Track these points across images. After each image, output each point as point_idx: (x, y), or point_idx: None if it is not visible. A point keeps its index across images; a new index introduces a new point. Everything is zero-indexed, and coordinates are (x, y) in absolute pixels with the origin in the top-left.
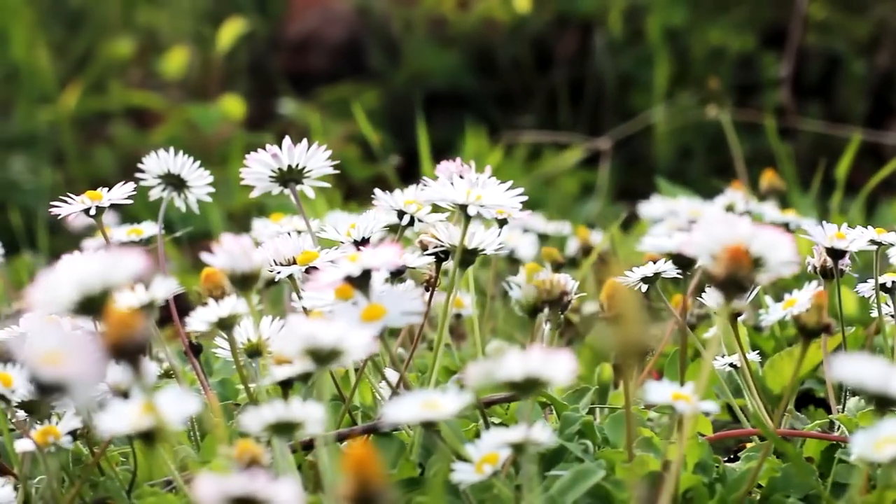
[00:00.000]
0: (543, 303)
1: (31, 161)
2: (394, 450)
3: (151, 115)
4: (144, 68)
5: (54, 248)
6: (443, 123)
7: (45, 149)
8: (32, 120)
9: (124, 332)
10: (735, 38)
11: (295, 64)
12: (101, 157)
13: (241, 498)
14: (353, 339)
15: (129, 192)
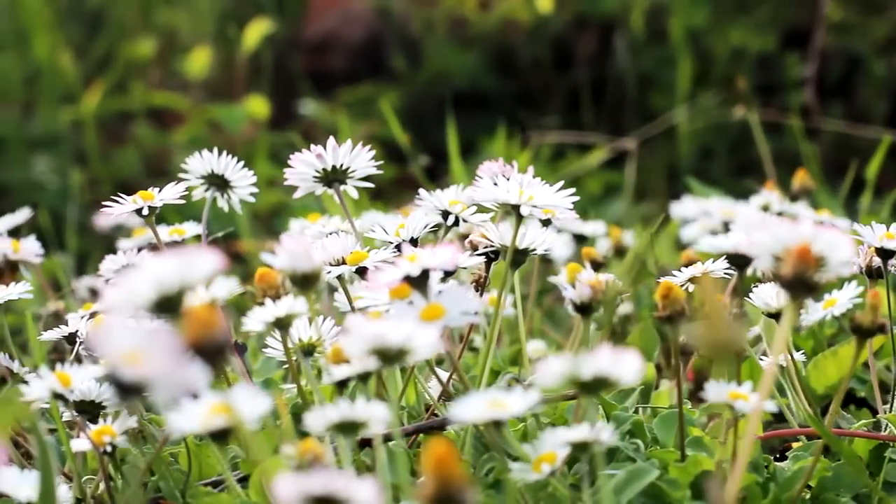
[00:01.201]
0: (598, 302)
1: (53, 161)
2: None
3: (171, 115)
4: (163, 69)
5: (81, 248)
6: (463, 124)
7: (67, 149)
8: (54, 120)
9: (205, 332)
10: (755, 38)
11: (314, 64)
12: (124, 158)
13: (322, 497)
14: (420, 339)
15: (180, 192)
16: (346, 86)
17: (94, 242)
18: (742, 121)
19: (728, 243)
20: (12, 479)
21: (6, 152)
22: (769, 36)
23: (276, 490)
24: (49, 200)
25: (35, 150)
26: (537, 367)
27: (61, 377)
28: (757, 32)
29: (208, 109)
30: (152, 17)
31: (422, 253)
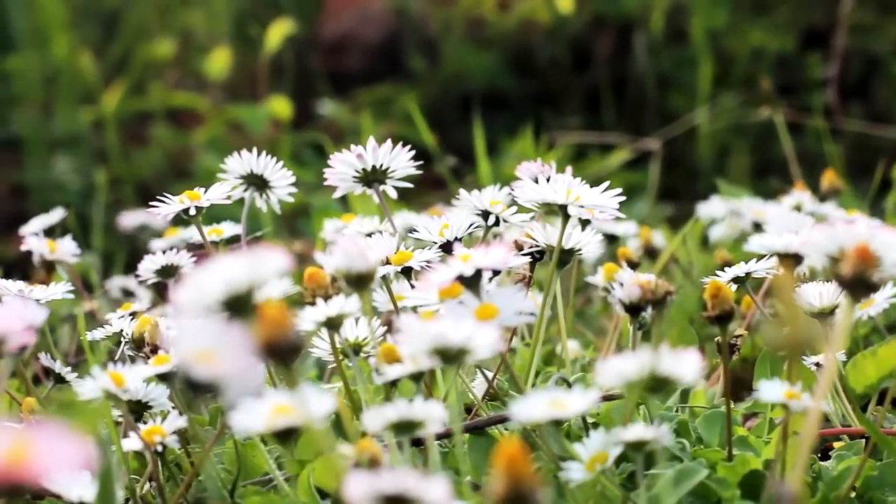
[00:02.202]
0: (647, 302)
1: (74, 162)
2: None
3: (188, 115)
4: (180, 69)
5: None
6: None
7: (87, 149)
8: (74, 121)
9: (278, 331)
10: (774, 38)
11: (330, 64)
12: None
13: (393, 496)
14: (480, 338)
15: (226, 192)
16: (363, 86)
17: (118, 242)
18: (761, 121)
19: (780, 243)
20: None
21: (27, 152)
22: (787, 36)
23: (346, 489)
24: (70, 200)
25: (55, 151)
26: (598, 366)
27: (115, 377)
28: (775, 33)
29: (229, 110)
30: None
31: (474, 252)
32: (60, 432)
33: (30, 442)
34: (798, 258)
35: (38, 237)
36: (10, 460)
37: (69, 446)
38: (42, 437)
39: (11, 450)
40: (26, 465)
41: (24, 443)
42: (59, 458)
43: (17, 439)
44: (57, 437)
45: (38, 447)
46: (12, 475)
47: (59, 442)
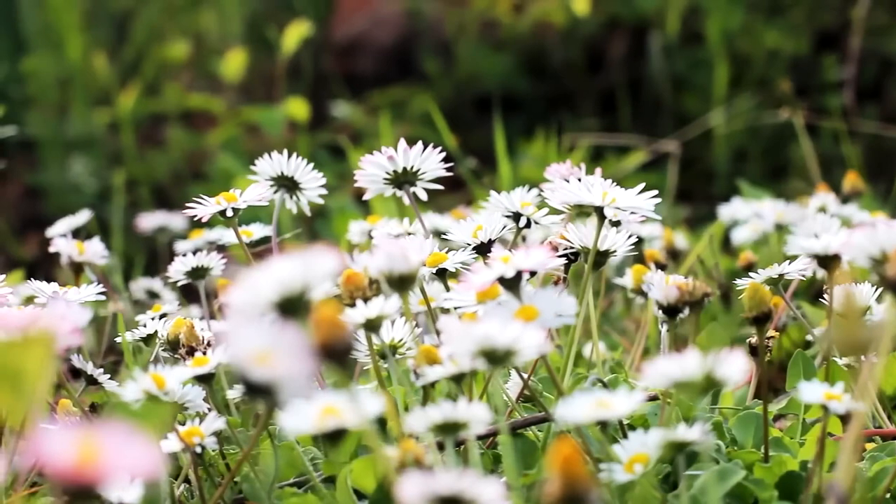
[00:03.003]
0: (685, 303)
1: (89, 164)
2: (524, 450)
3: (202, 117)
4: (193, 71)
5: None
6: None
7: (102, 151)
8: (89, 122)
9: (334, 332)
10: (789, 40)
11: (343, 66)
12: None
13: (449, 497)
14: (527, 340)
15: (263, 192)
16: (376, 88)
17: (136, 244)
18: (775, 123)
19: (819, 245)
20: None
21: (43, 154)
22: (801, 39)
23: (400, 490)
24: (86, 202)
25: (71, 152)
26: (644, 367)
27: (156, 379)
28: (789, 35)
29: (245, 111)
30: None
31: (516, 254)
32: (127, 434)
33: (98, 444)
34: (838, 259)
35: (66, 239)
36: (80, 462)
37: (137, 449)
38: (109, 439)
39: (80, 451)
40: (95, 467)
41: (92, 445)
42: (128, 461)
43: (84, 441)
44: (124, 439)
45: (106, 449)
46: (82, 477)
47: (127, 444)
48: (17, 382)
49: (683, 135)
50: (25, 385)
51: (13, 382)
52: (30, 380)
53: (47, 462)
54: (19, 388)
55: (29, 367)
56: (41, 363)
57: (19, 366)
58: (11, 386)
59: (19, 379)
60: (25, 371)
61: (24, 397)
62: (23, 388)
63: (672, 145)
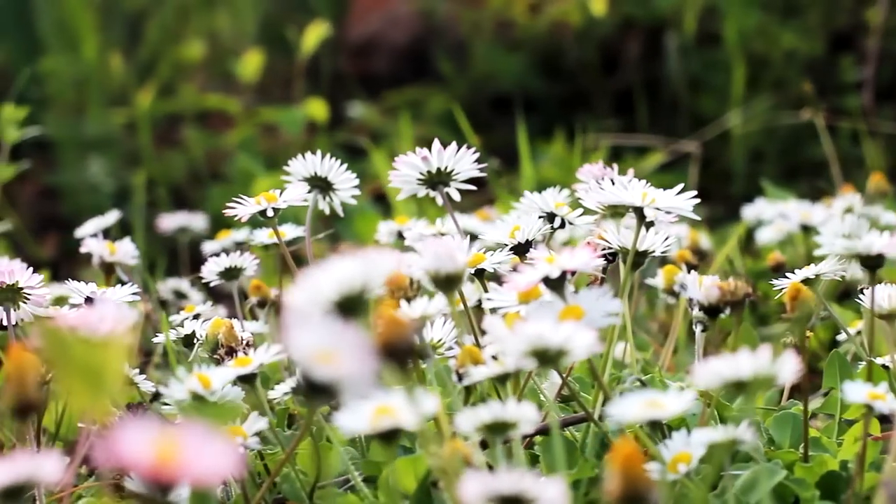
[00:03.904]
0: (726, 303)
1: (107, 164)
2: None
3: (217, 118)
4: (207, 71)
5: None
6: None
7: (118, 151)
8: (106, 123)
9: (397, 332)
10: (805, 42)
11: (357, 67)
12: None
13: (509, 497)
14: (579, 340)
15: (303, 193)
16: (390, 88)
17: (156, 244)
18: (791, 124)
19: (862, 245)
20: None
21: (60, 155)
22: (816, 40)
23: (461, 490)
24: (103, 203)
25: (88, 153)
26: (694, 367)
27: (202, 379)
28: (805, 36)
29: (263, 112)
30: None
31: (561, 254)
32: (204, 433)
33: (176, 443)
34: (881, 259)
35: (98, 239)
36: (159, 460)
37: (214, 448)
38: (188, 438)
39: (160, 450)
40: (175, 466)
41: (171, 443)
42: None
43: (163, 440)
44: (202, 438)
45: (184, 448)
46: (162, 475)
47: (205, 443)
48: (96, 381)
49: (701, 135)
50: (103, 384)
51: (92, 381)
52: (107, 379)
53: (127, 460)
54: (98, 387)
55: (107, 366)
56: (118, 362)
57: (98, 365)
58: (90, 385)
59: (98, 378)
60: (103, 370)
61: (102, 396)
62: (101, 387)
63: (692, 146)
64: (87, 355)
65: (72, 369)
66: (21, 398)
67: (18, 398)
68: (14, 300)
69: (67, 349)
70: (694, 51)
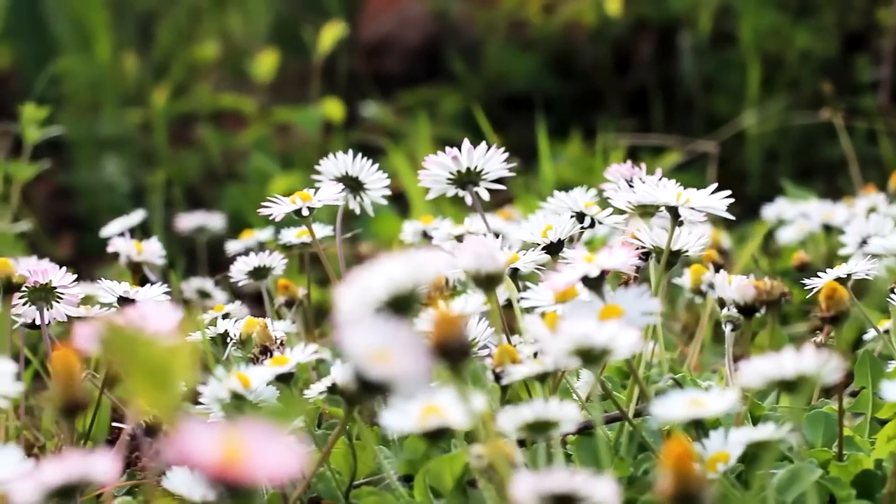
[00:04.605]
0: (762, 303)
1: (122, 163)
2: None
3: (231, 117)
4: (219, 71)
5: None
6: (523, 126)
7: (133, 151)
8: (121, 123)
9: (451, 332)
10: (819, 42)
11: (370, 67)
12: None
13: (561, 495)
14: (623, 339)
15: (337, 193)
16: (403, 88)
17: (174, 244)
18: (805, 124)
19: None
20: (184, 480)
21: (75, 154)
22: (830, 40)
23: (512, 489)
24: (119, 202)
25: (103, 152)
26: (740, 366)
27: (242, 378)
28: (818, 36)
29: (278, 112)
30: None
31: (600, 254)
32: (268, 433)
33: (242, 442)
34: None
35: (125, 239)
36: (226, 459)
37: (279, 447)
38: (254, 436)
39: (226, 449)
40: (242, 465)
41: (237, 443)
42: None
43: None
44: (266, 437)
45: (250, 448)
46: (228, 474)
47: (269, 443)
48: (164, 381)
49: (716, 135)
50: (171, 384)
51: (160, 381)
52: (175, 379)
53: (194, 460)
54: (166, 387)
55: (174, 366)
56: (186, 362)
57: (166, 365)
58: (159, 385)
59: (166, 378)
60: (171, 370)
61: (170, 396)
62: (169, 387)
63: (709, 145)
64: (153, 356)
65: (139, 370)
66: (68, 398)
67: (65, 398)
68: (47, 299)
69: (134, 349)
70: (707, 51)
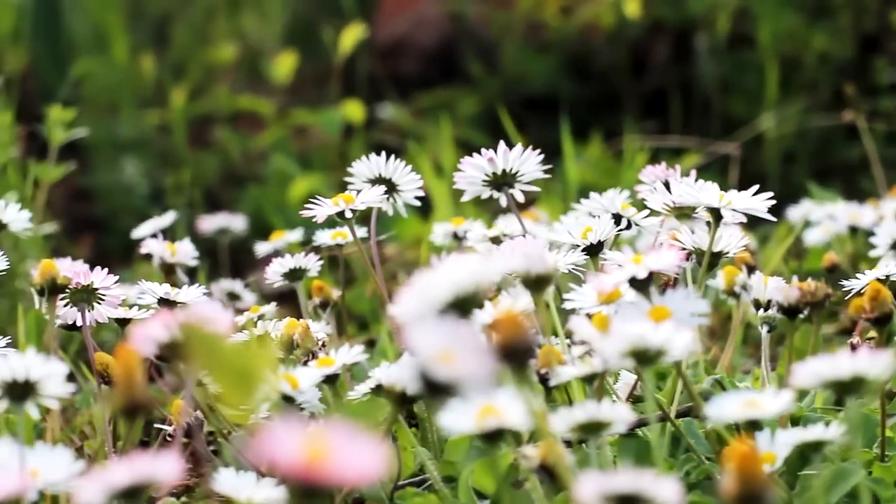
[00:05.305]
0: (806, 304)
1: (140, 165)
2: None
3: (247, 119)
4: (234, 73)
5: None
6: (540, 127)
7: (152, 153)
8: (139, 124)
9: (516, 333)
10: (835, 44)
11: (385, 68)
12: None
13: (626, 495)
14: (678, 340)
15: (380, 195)
16: (418, 90)
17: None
18: (822, 126)
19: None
20: (231, 481)
21: (93, 156)
22: (846, 42)
23: (577, 488)
24: (139, 204)
25: (121, 154)
26: (794, 367)
27: (290, 379)
28: (834, 38)
29: (298, 113)
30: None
31: (648, 255)
32: (352, 433)
33: (326, 443)
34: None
35: (158, 240)
36: (310, 460)
37: (362, 448)
38: (336, 437)
39: (310, 450)
40: (325, 466)
41: (321, 444)
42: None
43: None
44: (350, 438)
45: (334, 449)
46: (312, 475)
47: (353, 443)
48: (248, 383)
49: (734, 137)
50: (254, 385)
51: (244, 383)
52: (259, 381)
53: (278, 461)
54: (250, 389)
55: (257, 368)
56: (268, 364)
57: (249, 367)
58: (242, 386)
59: (249, 379)
60: (256, 372)
61: (253, 398)
62: (252, 389)
63: (730, 147)
64: (237, 357)
65: (223, 372)
66: (130, 399)
67: (127, 399)
68: (89, 300)
69: (217, 351)
70: (724, 52)
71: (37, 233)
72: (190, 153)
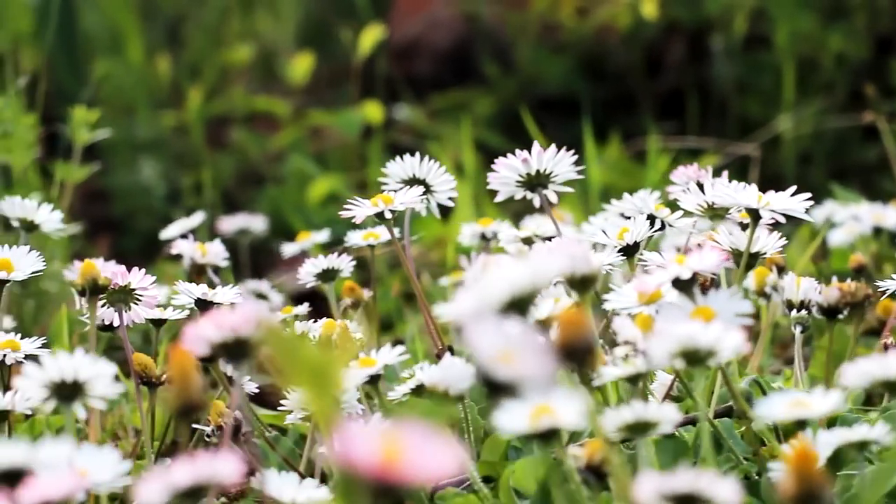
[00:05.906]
0: (846, 304)
1: (157, 166)
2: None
3: (263, 120)
4: (248, 73)
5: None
6: (555, 128)
7: (168, 153)
8: (155, 125)
9: (577, 333)
10: (852, 45)
11: (399, 69)
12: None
13: (685, 495)
14: (728, 341)
15: (419, 195)
16: (433, 91)
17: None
18: (838, 127)
19: None
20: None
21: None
22: (862, 43)
23: (636, 489)
24: (156, 204)
25: (139, 155)
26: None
27: None
28: (850, 39)
29: (315, 114)
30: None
31: (690, 255)
32: (426, 434)
33: (401, 443)
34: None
35: (189, 241)
36: (386, 461)
37: (437, 448)
38: (411, 437)
39: (386, 450)
40: (401, 467)
41: (396, 444)
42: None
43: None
44: (424, 438)
45: (409, 448)
46: (388, 476)
47: (427, 443)
48: (327, 384)
49: (751, 138)
50: (331, 387)
51: (320, 384)
52: (337, 382)
53: (355, 461)
54: (328, 391)
55: (333, 370)
56: (343, 365)
57: (328, 368)
58: (319, 387)
59: (328, 381)
60: (333, 374)
61: (330, 399)
62: (329, 390)
63: (748, 148)
64: (316, 360)
65: (302, 373)
66: (185, 400)
67: (182, 399)
68: (126, 301)
69: (297, 354)
70: (740, 53)
71: (62, 233)
72: (207, 154)
